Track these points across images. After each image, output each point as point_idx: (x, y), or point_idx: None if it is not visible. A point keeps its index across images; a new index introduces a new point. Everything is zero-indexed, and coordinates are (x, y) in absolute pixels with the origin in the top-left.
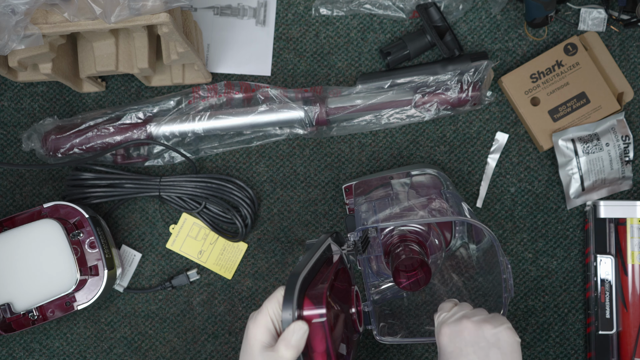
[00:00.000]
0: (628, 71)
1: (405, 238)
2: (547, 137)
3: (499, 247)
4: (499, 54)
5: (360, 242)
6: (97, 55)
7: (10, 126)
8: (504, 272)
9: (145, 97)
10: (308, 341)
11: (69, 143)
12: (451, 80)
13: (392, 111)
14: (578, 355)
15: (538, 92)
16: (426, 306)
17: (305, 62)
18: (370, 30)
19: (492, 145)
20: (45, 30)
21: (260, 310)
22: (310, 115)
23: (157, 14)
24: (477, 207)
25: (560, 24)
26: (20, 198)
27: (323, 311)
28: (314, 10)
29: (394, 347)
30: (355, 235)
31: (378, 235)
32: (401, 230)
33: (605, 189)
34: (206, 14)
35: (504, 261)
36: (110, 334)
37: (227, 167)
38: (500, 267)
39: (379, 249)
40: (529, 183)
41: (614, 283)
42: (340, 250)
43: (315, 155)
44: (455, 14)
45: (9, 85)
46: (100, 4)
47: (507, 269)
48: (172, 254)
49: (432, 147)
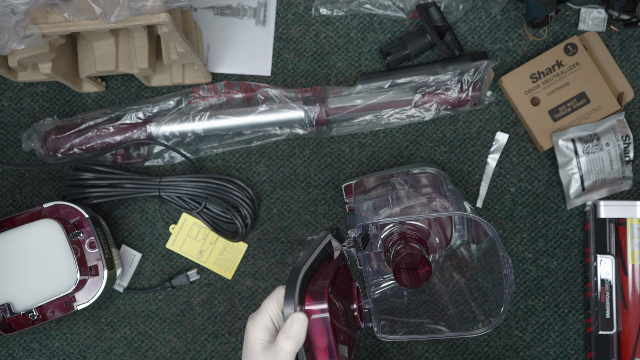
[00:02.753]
0: (628, 71)
1: (405, 235)
2: (547, 137)
3: (500, 242)
4: (499, 54)
5: (360, 238)
6: (97, 55)
7: (10, 126)
8: (505, 267)
9: (145, 97)
10: (310, 337)
11: (69, 143)
12: (451, 80)
13: (392, 111)
14: (578, 355)
15: (538, 92)
16: (427, 306)
17: (305, 62)
18: (370, 30)
19: (492, 145)
20: (45, 30)
21: (259, 311)
22: (310, 115)
23: (157, 14)
24: (477, 207)
25: (560, 24)
26: (20, 198)
27: (325, 306)
28: (314, 10)
29: (394, 347)
30: (356, 231)
31: (378, 233)
32: (401, 228)
33: (606, 189)
34: (206, 14)
35: (504, 256)
36: (110, 334)
37: (227, 167)
38: (501, 262)
39: (379, 246)
40: (529, 183)
41: (614, 283)
42: (340, 246)
43: (315, 155)
44: (455, 13)
45: (9, 85)
46: (100, 4)
47: (507, 264)
48: (172, 254)
49: (432, 147)
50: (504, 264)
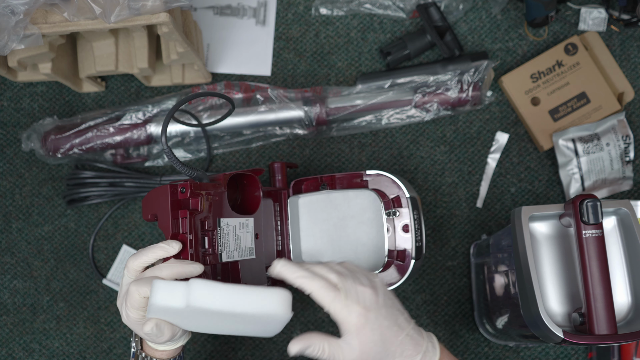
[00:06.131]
0: (628, 71)
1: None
2: (548, 137)
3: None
4: (499, 53)
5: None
6: (97, 55)
7: (10, 126)
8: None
9: (145, 97)
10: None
11: (69, 143)
12: (451, 80)
13: (392, 111)
14: (578, 355)
15: (538, 92)
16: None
17: (305, 62)
18: (370, 30)
19: (492, 145)
20: (45, 30)
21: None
22: (310, 115)
23: (157, 13)
24: (477, 207)
25: (560, 24)
26: (20, 198)
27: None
28: (314, 10)
29: None
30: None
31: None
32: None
33: (606, 189)
34: (206, 14)
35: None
36: (110, 334)
37: (227, 167)
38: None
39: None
40: (529, 183)
41: None
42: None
43: (315, 155)
44: (455, 13)
45: (8, 85)
46: (100, 4)
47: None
48: None
49: (432, 147)
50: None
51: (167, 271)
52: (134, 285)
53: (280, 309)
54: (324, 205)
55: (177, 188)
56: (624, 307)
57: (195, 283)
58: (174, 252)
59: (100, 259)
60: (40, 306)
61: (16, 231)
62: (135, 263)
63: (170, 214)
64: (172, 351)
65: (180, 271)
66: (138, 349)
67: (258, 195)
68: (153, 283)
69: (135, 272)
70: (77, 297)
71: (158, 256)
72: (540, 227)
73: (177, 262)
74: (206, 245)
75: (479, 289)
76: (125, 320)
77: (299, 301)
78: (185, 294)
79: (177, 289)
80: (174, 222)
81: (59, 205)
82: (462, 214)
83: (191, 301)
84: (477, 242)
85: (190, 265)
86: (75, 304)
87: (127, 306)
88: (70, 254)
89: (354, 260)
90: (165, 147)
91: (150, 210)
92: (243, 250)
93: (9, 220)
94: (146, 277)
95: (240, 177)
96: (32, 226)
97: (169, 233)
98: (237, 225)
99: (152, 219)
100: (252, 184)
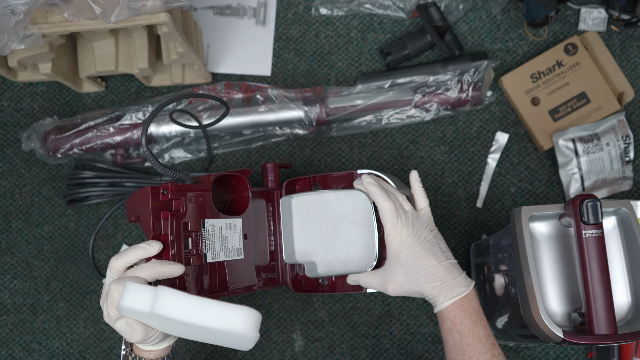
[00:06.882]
0: (628, 71)
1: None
2: (548, 137)
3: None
4: (499, 53)
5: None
6: (97, 55)
7: (10, 126)
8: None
9: (145, 97)
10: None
11: (69, 143)
12: (451, 80)
13: (392, 111)
14: (578, 355)
15: (538, 92)
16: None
17: (305, 62)
18: (370, 30)
19: (492, 145)
20: (45, 30)
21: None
22: (310, 115)
23: (157, 13)
24: (477, 207)
25: (560, 24)
26: (20, 198)
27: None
28: (314, 10)
29: (394, 347)
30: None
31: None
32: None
33: (606, 189)
34: (206, 14)
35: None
36: (110, 334)
37: (228, 168)
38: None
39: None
40: (529, 183)
41: None
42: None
43: (315, 155)
44: (455, 13)
45: (8, 85)
46: (100, 4)
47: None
48: None
49: (432, 147)
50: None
51: (147, 271)
52: (114, 284)
53: (244, 328)
54: (316, 205)
55: (158, 190)
56: (624, 307)
57: (162, 291)
58: (154, 253)
59: (100, 259)
60: (41, 306)
61: (16, 231)
62: (117, 263)
63: (151, 215)
64: (161, 351)
65: (160, 271)
66: (128, 350)
67: (247, 195)
68: (125, 284)
69: (117, 271)
70: (77, 297)
71: (139, 256)
72: (540, 227)
73: (158, 263)
74: (190, 246)
75: (479, 289)
76: (106, 318)
77: (299, 301)
78: (151, 300)
79: (145, 293)
80: (155, 223)
81: (59, 205)
82: (462, 214)
83: (155, 308)
84: (477, 242)
85: (170, 265)
86: (75, 304)
87: (108, 305)
88: (70, 254)
89: (345, 260)
90: (144, 149)
91: (133, 212)
92: (230, 250)
93: (9, 220)
94: (127, 276)
95: (229, 177)
96: (32, 226)
97: (151, 234)
98: (223, 225)
99: (136, 220)
100: (240, 184)
